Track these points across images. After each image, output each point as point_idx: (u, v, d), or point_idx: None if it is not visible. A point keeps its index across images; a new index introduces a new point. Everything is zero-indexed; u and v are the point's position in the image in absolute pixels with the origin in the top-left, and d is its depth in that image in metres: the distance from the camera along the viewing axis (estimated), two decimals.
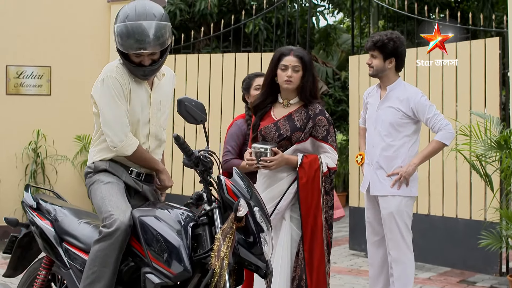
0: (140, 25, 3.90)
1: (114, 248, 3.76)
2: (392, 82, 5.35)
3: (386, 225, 5.29)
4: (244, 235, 3.58)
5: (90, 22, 9.53)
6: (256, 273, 3.65)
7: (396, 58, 5.29)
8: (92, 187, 4.14)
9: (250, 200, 3.62)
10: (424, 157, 5.29)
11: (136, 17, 3.92)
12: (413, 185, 5.29)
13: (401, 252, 5.24)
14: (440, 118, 5.22)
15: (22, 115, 9.19)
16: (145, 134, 4.21)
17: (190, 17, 12.85)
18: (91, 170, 4.21)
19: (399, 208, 5.23)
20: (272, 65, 4.61)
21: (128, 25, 3.91)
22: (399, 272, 5.25)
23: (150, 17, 3.93)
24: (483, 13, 12.05)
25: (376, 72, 5.36)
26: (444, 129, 5.19)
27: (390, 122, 5.30)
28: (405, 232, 5.24)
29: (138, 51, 3.94)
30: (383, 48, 5.26)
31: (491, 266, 7.35)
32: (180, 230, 3.69)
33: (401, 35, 5.38)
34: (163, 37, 3.97)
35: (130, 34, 3.91)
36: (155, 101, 4.21)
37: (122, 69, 4.10)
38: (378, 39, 5.28)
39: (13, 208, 8.94)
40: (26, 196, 4.59)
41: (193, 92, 9.17)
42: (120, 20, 3.97)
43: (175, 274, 3.58)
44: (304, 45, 11.59)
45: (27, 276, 4.57)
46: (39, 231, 4.28)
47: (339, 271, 7.44)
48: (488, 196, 7.11)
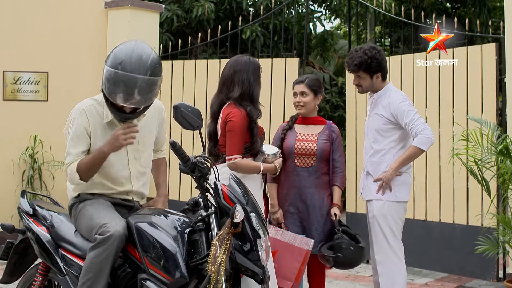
0: (132, 78, 3.77)
1: (109, 254, 3.77)
2: (379, 90, 5.36)
3: (371, 228, 5.32)
4: (241, 241, 3.60)
5: (88, 28, 9.53)
6: (253, 278, 3.66)
7: (381, 72, 5.30)
8: (78, 215, 4.13)
9: (247, 206, 3.64)
10: (401, 162, 5.20)
11: (129, 67, 3.78)
12: (400, 190, 5.24)
13: (386, 256, 5.22)
14: (418, 123, 5.12)
15: (19, 120, 9.16)
16: (126, 176, 4.20)
17: (187, 23, 12.86)
18: (76, 201, 4.22)
19: (381, 211, 5.21)
20: None
21: (120, 75, 3.78)
22: (384, 278, 5.22)
23: (143, 71, 3.79)
24: (480, 19, 12.08)
25: (366, 90, 5.40)
26: (421, 134, 5.09)
27: (375, 129, 5.33)
28: (390, 237, 5.21)
29: (122, 103, 3.86)
30: (368, 69, 5.25)
31: (488, 271, 7.34)
32: (177, 236, 3.70)
33: (377, 47, 5.36)
34: (151, 93, 3.87)
35: (119, 84, 3.79)
36: (133, 144, 4.13)
37: (90, 112, 4.09)
38: (360, 61, 5.23)
39: (10, 214, 8.89)
40: (23, 202, 4.61)
41: (190, 98, 9.16)
42: (113, 63, 3.83)
43: (171, 280, 3.60)
44: (301, 51, 11.62)
45: (23, 282, 4.58)
46: (35, 237, 4.29)
47: (336, 277, 7.44)
48: (485, 202, 7.11)
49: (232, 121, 4.79)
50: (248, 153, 4.91)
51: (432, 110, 7.84)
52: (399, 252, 5.24)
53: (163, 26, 12.14)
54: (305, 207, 5.26)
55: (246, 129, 4.85)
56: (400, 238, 5.27)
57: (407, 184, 5.31)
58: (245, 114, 4.83)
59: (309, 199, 5.25)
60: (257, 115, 4.90)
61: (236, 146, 4.79)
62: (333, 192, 5.34)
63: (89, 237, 3.95)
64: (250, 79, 4.90)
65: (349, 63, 5.33)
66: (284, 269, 5.01)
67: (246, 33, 11.80)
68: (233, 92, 4.89)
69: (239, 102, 4.87)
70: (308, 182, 5.27)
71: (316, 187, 5.28)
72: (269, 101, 8.59)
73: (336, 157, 5.37)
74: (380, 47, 5.41)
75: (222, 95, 4.97)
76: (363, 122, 8.31)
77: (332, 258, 5.11)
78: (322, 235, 5.27)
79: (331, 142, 5.35)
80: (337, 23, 19.65)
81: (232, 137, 4.80)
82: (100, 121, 4.10)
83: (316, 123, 5.43)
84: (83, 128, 4.08)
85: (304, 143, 5.28)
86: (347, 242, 5.15)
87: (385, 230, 5.21)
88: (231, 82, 4.92)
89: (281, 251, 4.97)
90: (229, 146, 4.81)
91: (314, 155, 5.26)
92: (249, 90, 4.89)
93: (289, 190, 5.30)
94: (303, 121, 5.42)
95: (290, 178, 5.30)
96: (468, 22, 8.23)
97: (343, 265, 5.27)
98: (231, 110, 4.84)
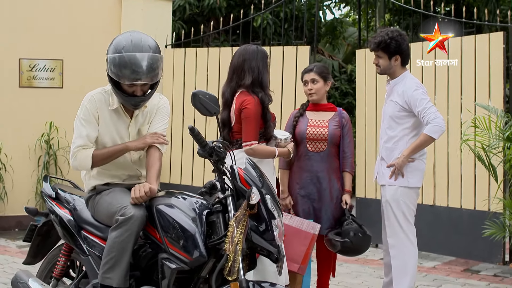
0: (136, 56, 4.00)
1: (131, 234, 3.90)
2: (397, 76, 5.47)
3: (384, 212, 5.46)
4: (256, 222, 3.71)
5: (102, 17, 9.69)
6: (268, 258, 3.78)
7: (400, 55, 5.41)
8: (96, 205, 4.28)
9: (262, 188, 3.75)
10: (412, 149, 5.31)
11: (132, 48, 4.02)
12: (412, 176, 5.36)
13: (398, 239, 5.36)
14: (430, 111, 5.22)
15: (35, 107, 9.35)
16: (136, 162, 4.37)
17: (199, 11, 12.99)
18: (93, 193, 4.34)
19: (394, 197, 5.35)
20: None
21: (125, 56, 4.00)
22: (397, 261, 5.36)
23: (145, 49, 4.04)
24: (488, 8, 12.13)
25: (384, 71, 5.50)
26: (432, 122, 5.20)
27: (390, 115, 5.46)
28: (402, 221, 5.34)
29: (133, 81, 4.03)
30: (387, 48, 5.38)
31: (494, 255, 7.51)
32: (195, 218, 3.84)
33: (402, 32, 5.48)
34: (157, 69, 4.08)
35: (126, 65, 4.00)
36: (133, 132, 4.32)
37: (99, 99, 4.24)
38: (380, 40, 5.39)
39: (27, 198, 9.12)
40: (45, 186, 4.71)
41: (202, 85, 9.31)
42: (115, 50, 4.07)
43: (191, 259, 3.73)
44: (311, 38, 11.73)
45: (46, 262, 4.73)
46: (58, 219, 4.41)
47: (346, 260, 7.59)
48: (492, 187, 7.25)
49: (247, 108, 4.96)
50: (262, 138, 5.08)
51: (441, 97, 7.97)
52: (411, 236, 5.37)
53: (175, 14, 12.27)
54: (316, 190, 5.41)
55: (260, 116, 5.02)
56: (412, 222, 5.40)
57: (419, 170, 5.42)
58: (258, 101, 4.99)
59: (320, 183, 5.41)
60: (269, 101, 5.07)
61: (253, 132, 4.97)
62: (344, 178, 5.50)
63: (110, 222, 4.07)
64: (259, 67, 5.08)
65: (371, 42, 5.51)
66: (291, 252, 5.15)
67: (257, 21, 11.92)
68: (244, 80, 5.06)
69: (251, 89, 5.04)
70: (320, 166, 5.42)
71: (328, 171, 5.44)
72: (281, 88, 8.73)
73: (346, 142, 5.52)
74: (404, 33, 5.51)
75: (233, 83, 5.14)
76: (372, 108, 8.48)
77: (340, 243, 5.26)
78: (332, 219, 5.43)
79: (341, 127, 5.50)
80: (346, 10, 19.71)
81: (248, 124, 4.97)
82: (107, 109, 4.26)
83: (327, 109, 5.58)
84: (92, 114, 4.22)
85: (316, 128, 5.43)
86: (356, 228, 5.31)
87: (398, 214, 5.35)
88: (241, 70, 5.09)
89: (288, 235, 5.07)
90: (245, 132, 4.98)
91: (325, 140, 5.41)
92: (259, 77, 5.07)
93: (301, 174, 5.45)
94: (314, 108, 5.56)
95: (302, 162, 5.45)
96: (476, 10, 8.34)
97: (349, 251, 5.40)
98: (246, 98, 5.00)
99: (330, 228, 5.41)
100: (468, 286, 6.69)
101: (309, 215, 5.42)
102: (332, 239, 5.31)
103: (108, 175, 4.35)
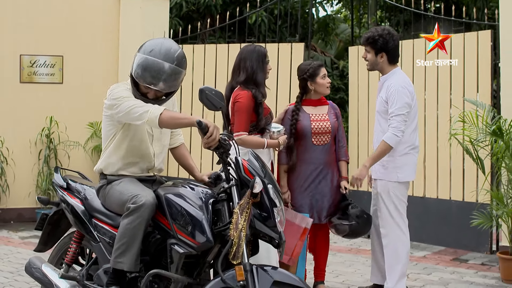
0: (160, 64, 4.19)
1: (142, 221, 4.14)
2: (387, 73, 5.66)
3: (377, 203, 5.72)
4: (259, 210, 3.97)
5: (101, 14, 9.89)
6: (270, 243, 4.04)
7: (386, 53, 5.59)
8: (107, 195, 4.48)
9: (265, 178, 4.01)
10: (373, 159, 5.54)
11: (159, 55, 4.20)
12: (401, 171, 5.58)
13: (390, 229, 5.60)
14: (396, 119, 5.41)
15: (36, 102, 9.53)
16: (150, 153, 4.54)
17: (196, 8, 13.19)
18: (104, 183, 4.54)
19: (384, 189, 5.60)
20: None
21: (150, 60, 4.20)
22: (389, 249, 5.61)
23: (170, 59, 4.21)
24: (477, 6, 12.37)
25: (371, 66, 5.73)
26: (392, 130, 5.40)
27: (377, 111, 5.70)
28: (393, 212, 5.58)
29: (148, 85, 4.24)
30: (374, 44, 5.60)
31: (482, 244, 7.77)
32: (202, 206, 4.09)
33: (392, 31, 5.67)
34: (175, 82, 4.27)
35: (147, 68, 4.21)
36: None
37: (127, 88, 4.41)
38: (369, 36, 5.62)
39: (28, 191, 9.33)
40: (56, 177, 4.91)
41: (199, 82, 9.50)
42: (144, 51, 4.26)
43: (198, 244, 3.99)
44: (304, 35, 11.95)
45: (57, 249, 4.97)
46: (70, 208, 4.64)
47: (339, 250, 7.84)
48: (480, 179, 7.48)
49: (239, 101, 5.32)
50: (255, 130, 5.39)
51: (430, 93, 8.23)
52: (403, 226, 5.60)
53: (172, 11, 12.46)
54: (318, 181, 5.67)
55: (252, 109, 5.34)
56: (404, 213, 5.63)
57: (409, 165, 5.63)
58: (250, 95, 5.33)
59: (323, 173, 5.68)
60: (261, 97, 5.37)
61: (243, 123, 5.30)
62: (340, 167, 5.79)
63: (120, 211, 4.29)
64: (253, 66, 5.42)
65: (362, 37, 5.78)
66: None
67: (252, 18, 12.14)
68: (239, 77, 5.44)
69: (245, 85, 5.38)
70: (324, 158, 5.69)
71: (330, 162, 5.72)
72: (276, 84, 8.96)
73: (340, 132, 5.84)
74: (394, 32, 5.71)
75: (233, 81, 5.52)
76: (364, 103, 8.74)
77: (348, 226, 5.52)
78: (332, 206, 5.70)
79: (336, 119, 5.79)
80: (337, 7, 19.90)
81: (239, 116, 5.31)
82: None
83: (322, 103, 5.84)
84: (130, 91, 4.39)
85: (319, 122, 5.67)
86: (361, 210, 5.59)
87: (389, 206, 5.59)
88: (237, 68, 5.50)
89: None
90: (236, 123, 5.32)
91: (329, 132, 5.68)
92: (253, 75, 5.41)
93: (306, 166, 5.68)
94: (312, 103, 5.81)
95: (307, 155, 5.68)
96: (465, 8, 8.58)
97: (356, 233, 5.66)
98: (239, 93, 5.37)
99: (330, 215, 5.67)
100: (457, 274, 6.90)
101: (311, 209, 5.66)
102: (338, 224, 5.57)
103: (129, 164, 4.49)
